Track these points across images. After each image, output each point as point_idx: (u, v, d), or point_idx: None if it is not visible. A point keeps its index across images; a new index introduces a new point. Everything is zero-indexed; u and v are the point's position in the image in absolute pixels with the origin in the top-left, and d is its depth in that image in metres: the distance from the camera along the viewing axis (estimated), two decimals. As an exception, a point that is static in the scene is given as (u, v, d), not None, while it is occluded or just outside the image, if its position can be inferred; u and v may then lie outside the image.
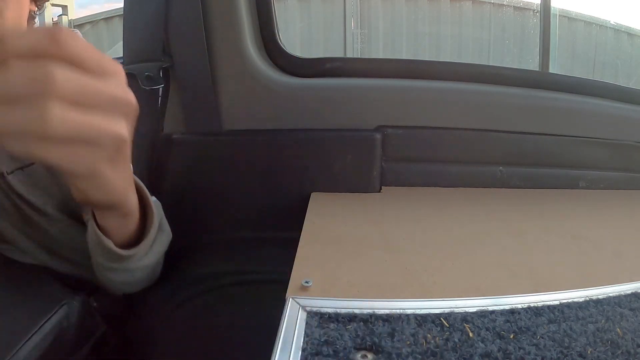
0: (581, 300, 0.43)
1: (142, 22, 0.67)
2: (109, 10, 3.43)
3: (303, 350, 0.34)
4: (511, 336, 0.36)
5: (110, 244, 0.47)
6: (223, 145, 0.75)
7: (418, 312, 0.40)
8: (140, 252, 0.50)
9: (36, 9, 0.55)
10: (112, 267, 0.51)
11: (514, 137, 0.81)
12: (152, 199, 0.52)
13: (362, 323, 0.38)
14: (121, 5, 0.67)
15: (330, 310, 0.39)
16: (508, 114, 0.81)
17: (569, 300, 0.42)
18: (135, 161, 0.66)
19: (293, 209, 0.59)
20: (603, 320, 0.39)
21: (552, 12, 1.06)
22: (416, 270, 0.48)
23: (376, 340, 0.35)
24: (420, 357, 0.34)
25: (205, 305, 0.57)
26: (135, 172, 0.67)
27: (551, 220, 0.67)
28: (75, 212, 0.55)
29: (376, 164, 0.77)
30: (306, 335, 0.36)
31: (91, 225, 0.47)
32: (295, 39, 3.23)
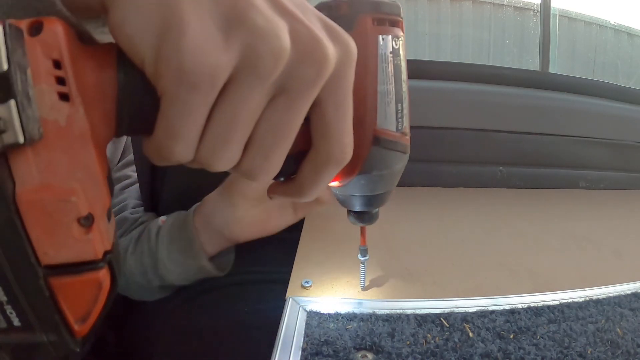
0: (581, 300, 0.43)
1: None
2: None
3: (303, 350, 0.34)
4: (511, 336, 0.36)
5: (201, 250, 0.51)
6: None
7: (418, 312, 0.40)
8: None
9: None
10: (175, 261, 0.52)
11: (514, 137, 0.81)
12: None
13: (362, 323, 0.38)
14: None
15: (330, 310, 0.39)
16: (508, 114, 0.81)
17: (569, 300, 0.42)
18: (137, 162, 0.66)
19: (293, 209, 0.59)
20: (603, 320, 0.39)
21: (552, 12, 1.06)
22: (416, 270, 0.48)
23: (376, 340, 0.35)
24: (420, 357, 0.34)
25: (205, 305, 0.57)
26: (137, 172, 0.67)
27: (551, 220, 0.67)
28: None
29: (376, 164, 0.76)
30: (306, 335, 0.36)
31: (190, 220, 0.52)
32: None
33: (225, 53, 0.17)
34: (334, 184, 0.29)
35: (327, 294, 0.43)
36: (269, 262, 0.58)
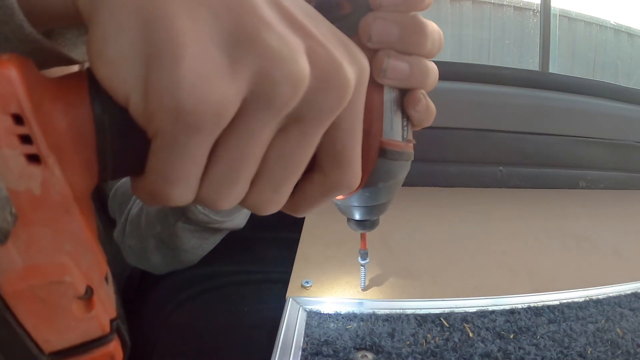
0: (581, 300, 0.43)
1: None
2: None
3: (303, 350, 0.34)
4: (511, 336, 0.36)
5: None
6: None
7: (418, 312, 0.40)
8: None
9: None
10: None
11: (514, 137, 0.81)
12: None
13: (362, 323, 0.38)
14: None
15: (330, 310, 0.39)
16: (508, 114, 0.81)
17: (569, 300, 0.42)
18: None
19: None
20: (603, 320, 0.39)
21: (552, 12, 1.06)
22: (416, 270, 0.48)
23: (376, 340, 0.35)
24: (420, 357, 0.34)
25: (205, 305, 0.57)
26: None
27: (551, 220, 0.67)
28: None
29: (376, 164, 0.76)
30: (306, 335, 0.36)
31: None
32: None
33: (232, 83, 0.14)
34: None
35: (327, 294, 0.43)
36: (269, 262, 0.58)
